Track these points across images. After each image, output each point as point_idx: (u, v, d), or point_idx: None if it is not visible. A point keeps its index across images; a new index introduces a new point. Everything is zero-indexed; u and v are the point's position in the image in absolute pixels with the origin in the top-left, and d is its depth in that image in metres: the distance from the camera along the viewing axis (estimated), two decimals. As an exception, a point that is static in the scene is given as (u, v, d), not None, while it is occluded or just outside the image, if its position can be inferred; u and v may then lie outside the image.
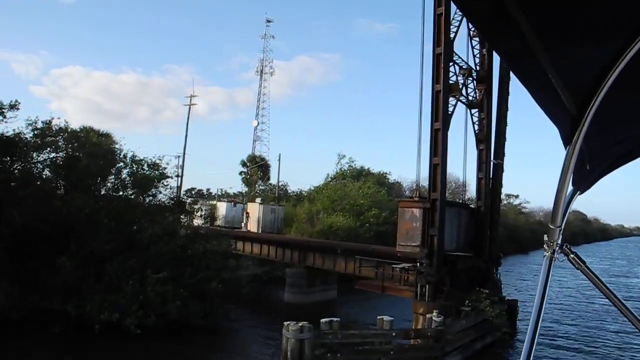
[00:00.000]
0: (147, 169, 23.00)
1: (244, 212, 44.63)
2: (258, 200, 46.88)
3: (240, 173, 70.09)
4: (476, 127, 23.59)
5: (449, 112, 20.02)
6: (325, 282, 29.35)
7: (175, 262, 20.37)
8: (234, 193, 66.34)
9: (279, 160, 63.65)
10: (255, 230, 43.02)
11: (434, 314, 16.52)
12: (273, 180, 64.61)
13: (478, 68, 23.43)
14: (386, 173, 65.23)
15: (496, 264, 24.29)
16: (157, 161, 25.41)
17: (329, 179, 60.69)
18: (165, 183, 25.06)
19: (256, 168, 67.38)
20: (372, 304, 26.99)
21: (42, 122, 21.22)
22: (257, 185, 67.48)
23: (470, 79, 22.55)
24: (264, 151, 74.16)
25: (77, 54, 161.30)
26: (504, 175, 24.34)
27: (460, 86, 21.23)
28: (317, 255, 27.69)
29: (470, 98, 22.93)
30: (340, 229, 40.14)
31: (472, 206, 24.18)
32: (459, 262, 20.10)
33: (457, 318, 17.78)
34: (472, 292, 19.52)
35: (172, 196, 26.13)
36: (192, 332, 19.37)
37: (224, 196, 63.14)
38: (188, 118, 59.03)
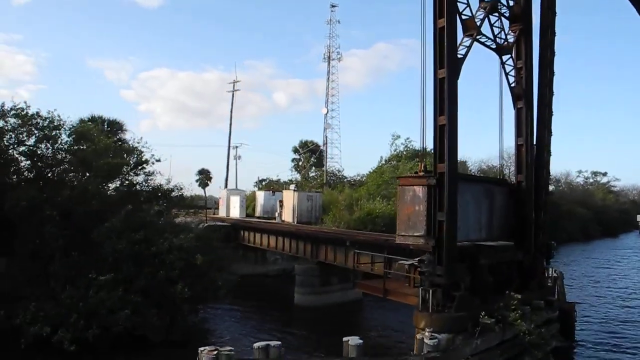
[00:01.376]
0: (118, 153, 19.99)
1: (278, 201, 41.25)
2: (292, 187, 43.28)
3: (293, 160, 67.03)
4: (510, 78, 18.07)
5: (460, 56, 14.85)
6: (345, 279, 25.02)
7: (134, 262, 17.12)
8: (285, 181, 63.16)
9: (325, 143, 59.71)
10: (290, 220, 39.50)
11: (426, 333, 11.81)
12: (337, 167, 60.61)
13: (511, 2, 17.84)
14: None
15: (546, 256, 18.73)
16: (136, 144, 22.37)
17: (382, 162, 55.46)
18: (150, 170, 21.98)
19: (308, 154, 63.84)
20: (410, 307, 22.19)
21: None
22: (309, 172, 63.89)
23: (496, 15, 17.07)
24: (335, 138, 70.22)
25: (163, 57, 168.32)
26: (555, 143, 18.67)
27: (478, 22, 15.86)
28: (328, 248, 23.43)
29: (499, 41, 17.44)
30: (380, 216, 35.36)
31: (512, 182, 18.72)
32: (482, 256, 14.99)
33: (472, 335, 12.88)
34: (505, 296, 14.41)
35: (166, 185, 23.12)
36: (151, 347, 16.03)
37: (290, 183, 60.15)
38: (232, 105, 56.62)
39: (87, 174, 18.66)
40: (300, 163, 62.43)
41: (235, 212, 44.62)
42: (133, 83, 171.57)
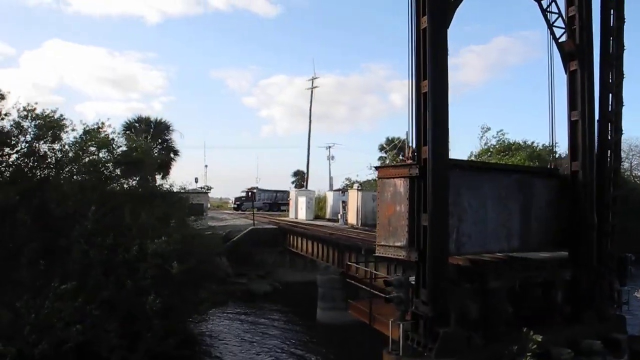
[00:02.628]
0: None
1: (341, 202, 38.29)
2: (355, 186, 39.99)
3: (379, 158, 63.47)
4: (558, 31, 13.27)
5: (452, -2, 10.70)
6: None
7: (104, 269, 15.38)
8: (368, 180, 59.66)
9: (407, 137, 55.59)
10: (354, 222, 36.29)
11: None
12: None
13: None
14: (550, 147, 50.59)
15: (619, 274, 13.54)
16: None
17: (472, 157, 49.58)
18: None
19: (394, 151, 59.83)
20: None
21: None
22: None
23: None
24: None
25: (281, 64, 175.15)
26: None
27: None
28: (352, 256, 19.98)
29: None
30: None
31: (564, 174, 13.79)
32: (493, 275, 10.71)
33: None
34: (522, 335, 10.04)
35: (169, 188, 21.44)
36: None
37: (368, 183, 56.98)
38: (311, 103, 54.88)
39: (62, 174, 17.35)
40: (386, 161, 58.45)
41: (302, 214, 42.48)
42: (254, 90, 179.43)
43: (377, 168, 13.34)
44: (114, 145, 18.76)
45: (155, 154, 24.80)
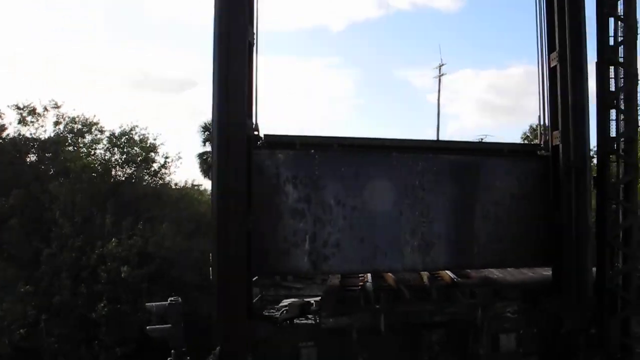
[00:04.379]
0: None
1: None
2: None
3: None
4: None
5: None
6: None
7: (69, 272, 15.17)
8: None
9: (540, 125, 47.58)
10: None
11: None
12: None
13: None
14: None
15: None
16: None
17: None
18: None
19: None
20: None
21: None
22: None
23: None
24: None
25: (466, 59, 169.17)
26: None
27: None
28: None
29: None
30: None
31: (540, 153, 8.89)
32: (327, 309, 7.14)
33: None
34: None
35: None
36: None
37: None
38: (439, 92, 50.77)
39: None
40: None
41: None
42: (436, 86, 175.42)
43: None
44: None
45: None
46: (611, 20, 8.32)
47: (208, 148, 28.68)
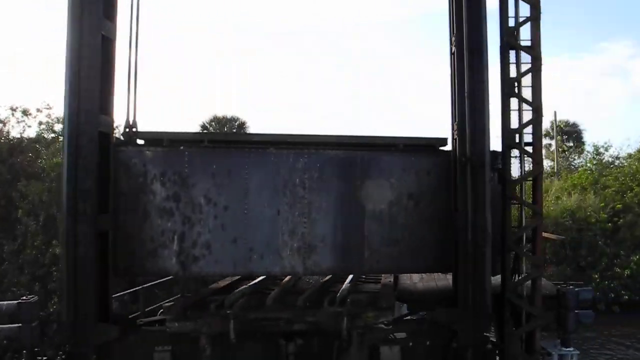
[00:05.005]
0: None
1: None
2: None
3: (545, 146, 52.40)
4: None
5: None
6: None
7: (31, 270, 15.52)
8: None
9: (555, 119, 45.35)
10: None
11: None
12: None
13: None
14: None
15: (558, 323, 7.28)
16: None
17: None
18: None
19: (559, 137, 48.47)
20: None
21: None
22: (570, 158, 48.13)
23: None
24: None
25: None
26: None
27: None
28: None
29: None
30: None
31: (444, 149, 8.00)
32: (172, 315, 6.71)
33: None
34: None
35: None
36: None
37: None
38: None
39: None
40: (551, 149, 47.33)
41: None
42: None
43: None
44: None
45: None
46: (511, -3, 7.38)
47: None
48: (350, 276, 8.74)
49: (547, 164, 45.06)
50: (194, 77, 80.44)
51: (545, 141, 49.61)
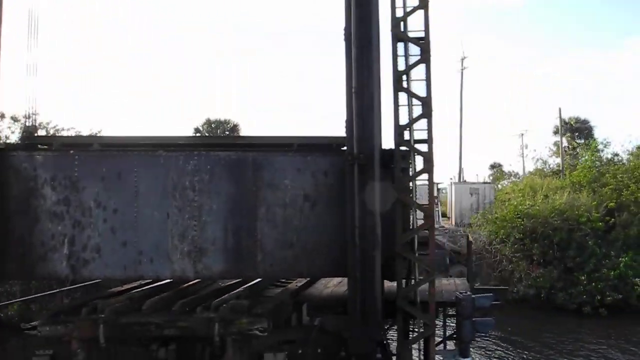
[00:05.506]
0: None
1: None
2: (450, 178, 32.85)
3: (555, 143, 50.80)
4: None
5: None
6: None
7: None
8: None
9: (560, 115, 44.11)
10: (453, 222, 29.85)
11: None
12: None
13: None
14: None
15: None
16: None
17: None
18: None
19: (569, 133, 46.94)
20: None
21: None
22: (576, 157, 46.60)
23: None
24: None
25: None
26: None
27: None
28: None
29: None
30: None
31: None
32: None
33: None
34: None
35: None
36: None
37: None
38: (461, 86, 48.27)
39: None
40: (564, 146, 45.78)
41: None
42: None
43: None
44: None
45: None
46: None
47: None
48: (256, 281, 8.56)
49: (554, 161, 43.87)
50: (194, 77, 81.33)
51: (554, 138, 48.39)
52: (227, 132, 32.33)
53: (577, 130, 46.14)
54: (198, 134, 28.85)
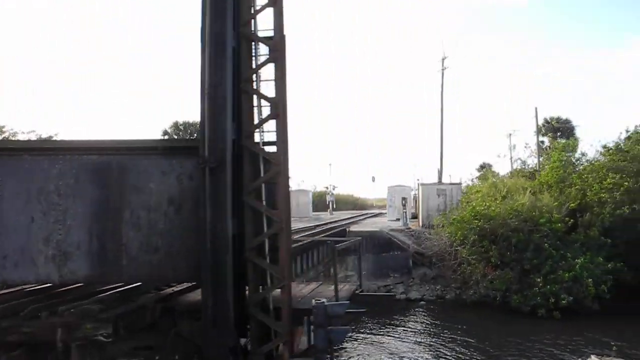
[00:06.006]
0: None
1: (401, 199, 31.81)
2: (417, 180, 32.68)
3: (541, 143, 50.50)
4: None
5: None
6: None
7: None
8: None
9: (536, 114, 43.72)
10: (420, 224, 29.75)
11: None
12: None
13: None
14: None
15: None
16: None
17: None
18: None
19: (551, 133, 46.72)
20: None
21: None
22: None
23: None
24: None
25: None
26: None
27: None
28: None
29: None
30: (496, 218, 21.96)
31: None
32: None
33: None
34: None
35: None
36: None
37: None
38: (442, 86, 48.03)
39: None
40: (544, 146, 45.52)
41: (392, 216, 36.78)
42: None
43: None
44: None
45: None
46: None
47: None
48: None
49: (532, 161, 43.46)
50: (194, 77, 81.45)
51: (535, 139, 48.02)
52: (196, 135, 32.46)
53: (558, 130, 45.88)
54: (166, 137, 29.05)
